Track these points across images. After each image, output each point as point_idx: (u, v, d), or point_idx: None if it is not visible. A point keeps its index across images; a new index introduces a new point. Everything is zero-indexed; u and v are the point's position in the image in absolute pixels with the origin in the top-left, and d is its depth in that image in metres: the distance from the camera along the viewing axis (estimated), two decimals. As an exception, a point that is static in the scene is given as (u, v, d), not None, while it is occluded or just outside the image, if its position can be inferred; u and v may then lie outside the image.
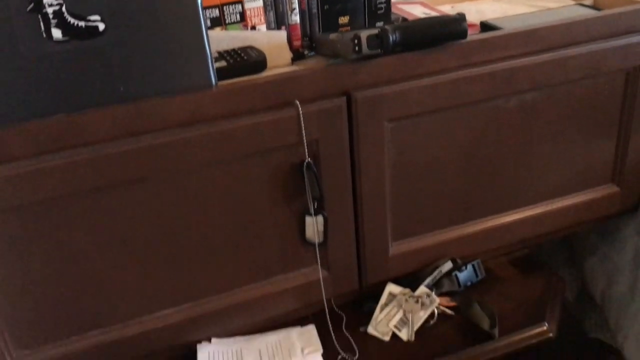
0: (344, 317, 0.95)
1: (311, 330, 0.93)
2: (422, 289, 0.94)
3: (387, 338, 0.92)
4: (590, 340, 1.30)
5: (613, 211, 1.08)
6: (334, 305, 0.96)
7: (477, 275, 1.01)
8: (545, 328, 0.93)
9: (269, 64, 0.87)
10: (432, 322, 0.93)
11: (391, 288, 0.96)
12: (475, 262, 1.01)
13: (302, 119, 0.80)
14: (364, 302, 0.97)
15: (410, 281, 0.97)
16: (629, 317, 1.12)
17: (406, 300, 0.94)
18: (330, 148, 0.84)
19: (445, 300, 0.96)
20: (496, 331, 0.91)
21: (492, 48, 0.88)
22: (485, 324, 0.91)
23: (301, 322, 0.95)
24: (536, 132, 0.97)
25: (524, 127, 0.96)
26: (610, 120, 1.01)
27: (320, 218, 0.87)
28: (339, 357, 0.89)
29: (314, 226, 0.87)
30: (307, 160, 0.82)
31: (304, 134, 0.81)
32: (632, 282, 1.12)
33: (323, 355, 0.89)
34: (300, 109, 0.79)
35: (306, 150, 0.82)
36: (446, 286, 0.97)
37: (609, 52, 0.93)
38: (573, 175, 1.03)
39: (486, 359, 0.90)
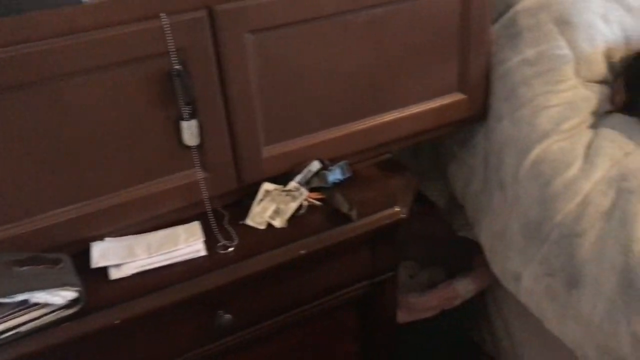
0: (226, 215, 1.08)
1: (195, 224, 1.05)
2: (293, 184, 1.08)
3: (263, 227, 1.06)
4: (458, 238, 1.48)
5: (462, 116, 1.25)
6: (218, 206, 1.08)
7: (343, 174, 1.15)
8: (397, 210, 1.09)
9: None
10: (301, 211, 1.08)
11: (266, 186, 1.09)
12: (342, 163, 1.15)
13: (167, 29, 0.90)
14: (244, 201, 1.10)
15: (284, 180, 1.10)
16: (481, 210, 1.31)
17: (279, 194, 1.07)
18: (197, 57, 0.95)
19: (315, 194, 1.11)
20: (354, 213, 1.06)
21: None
22: (345, 208, 1.06)
23: (188, 222, 1.07)
24: (388, 45, 1.11)
25: (377, 40, 1.10)
26: (451, 33, 1.16)
27: (194, 122, 0.98)
28: (219, 244, 1.02)
29: (189, 130, 0.99)
30: (174, 68, 0.93)
31: (171, 44, 0.91)
32: (482, 180, 1.29)
33: (206, 243, 1.02)
34: (165, 20, 0.90)
35: (174, 58, 0.93)
36: (315, 183, 1.11)
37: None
38: (424, 84, 1.19)
39: (347, 238, 1.05)
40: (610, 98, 1.21)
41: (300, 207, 1.07)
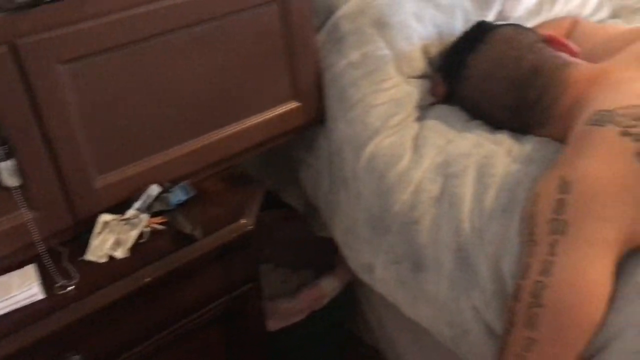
0: (64, 252, 1.04)
1: (30, 268, 1.00)
2: (131, 212, 1.06)
3: (104, 260, 1.03)
4: (318, 239, 1.52)
5: (300, 123, 1.29)
6: (55, 244, 1.04)
7: (187, 194, 1.14)
8: (243, 222, 1.10)
9: None
10: (143, 239, 1.06)
11: (104, 217, 1.06)
12: (183, 183, 1.14)
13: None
14: (82, 236, 1.06)
15: (124, 209, 1.08)
16: (332, 209, 1.35)
17: (117, 224, 1.05)
18: (5, 95, 0.90)
19: (157, 219, 1.09)
20: (198, 232, 1.06)
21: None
22: (188, 228, 1.06)
23: (23, 266, 1.01)
24: (216, 61, 1.12)
25: (203, 58, 1.10)
26: (277, 45, 1.19)
27: (11, 162, 0.94)
28: (57, 284, 0.98)
29: (7, 171, 0.94)
30: (-21, 108, 0.88)
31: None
32: (329, 180, 1.34)
33: (43, 285, 0.97)
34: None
35: (-23, 99, 0.88)
36: (158, 207, 1.10)
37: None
38: (259, 95, 1.21)
39: (193, 258, 1.05)
40: (431, 91, 1.30)
41: (141, 234, 1.05)
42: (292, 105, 1.26)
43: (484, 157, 1.13)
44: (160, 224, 1.09)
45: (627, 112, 0.96)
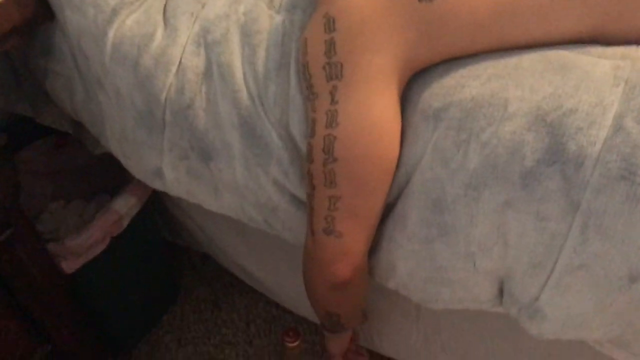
0: None
1: None
2: None
3: None
4: (103, 156, 1.32)
5: (18, 21, 1.02)
6: None
7: None
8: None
9: None
10: None
11: None
12: None
13: None
14: None
15: None
16: (96, 119, 1.15)
17: None
18: None
19: None
20: None
21: None
22: None
23: None
24: None
25: None
26: None
27: None
28: None
29: None
30: None
31: None
32: (82, 86, 1.12)
33: None
34: None
35: None
36: None
37: None
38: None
39: None
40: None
41: None
42: (-1, 0, 0.99)
43: (245, 14, 0.97)
44: None
45: None
